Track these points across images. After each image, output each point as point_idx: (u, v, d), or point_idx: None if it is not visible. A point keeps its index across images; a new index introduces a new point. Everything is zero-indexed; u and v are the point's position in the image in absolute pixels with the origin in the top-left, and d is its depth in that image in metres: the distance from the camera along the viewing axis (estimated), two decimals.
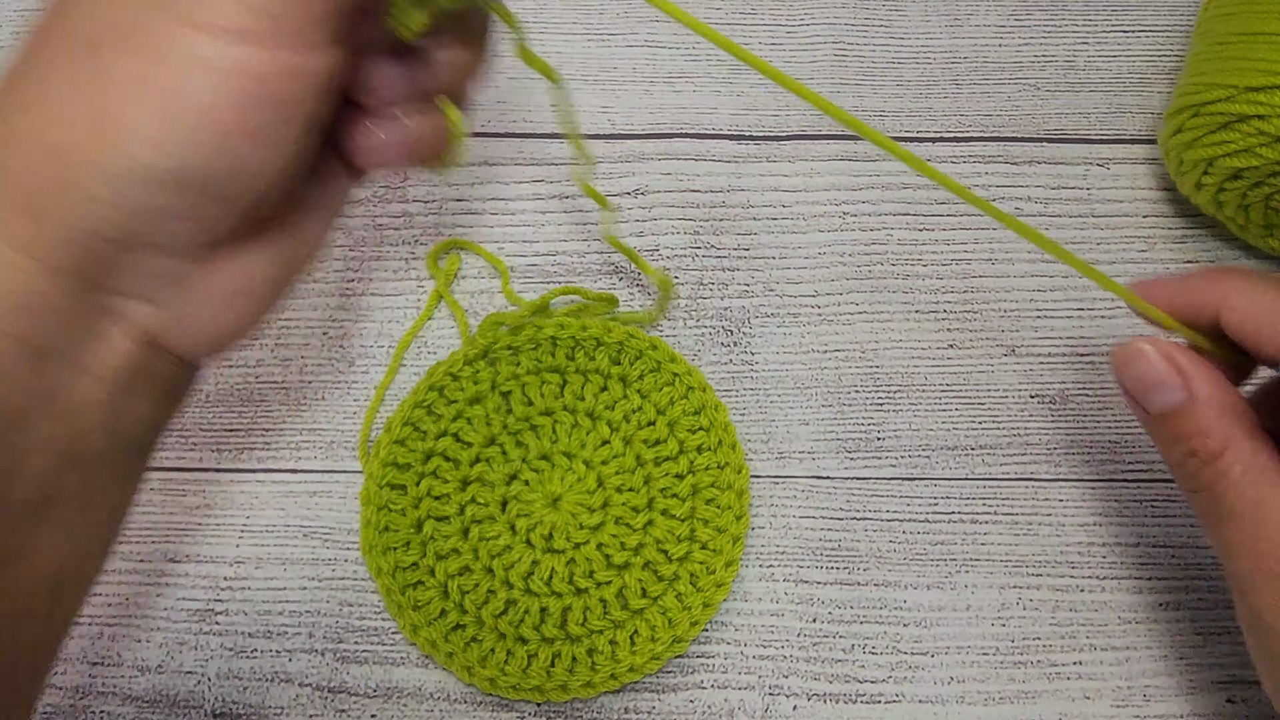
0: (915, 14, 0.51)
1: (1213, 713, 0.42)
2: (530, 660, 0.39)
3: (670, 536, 0.40)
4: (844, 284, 0.47)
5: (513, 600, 0.40)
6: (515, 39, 0.31)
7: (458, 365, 0.43)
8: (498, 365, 0.43)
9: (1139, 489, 0.45)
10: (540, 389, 0.42)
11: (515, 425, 0.42)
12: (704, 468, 0.42)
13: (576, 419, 0.42)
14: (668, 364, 0.43)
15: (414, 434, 0.42)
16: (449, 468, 0.41)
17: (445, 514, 0.41)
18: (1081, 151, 0.49)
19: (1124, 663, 0.42)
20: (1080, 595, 0.43)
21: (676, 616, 0.40)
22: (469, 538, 0.41)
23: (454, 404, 0.42)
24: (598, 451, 0.42)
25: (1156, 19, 0.52)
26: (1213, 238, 0.48)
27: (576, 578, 0.40)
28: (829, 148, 0.49)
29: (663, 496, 0.41)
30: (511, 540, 0.40)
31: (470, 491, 0.41)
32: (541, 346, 0.43)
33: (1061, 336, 0.47)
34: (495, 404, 0.42)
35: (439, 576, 0.40)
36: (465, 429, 0.42)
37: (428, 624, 0.39)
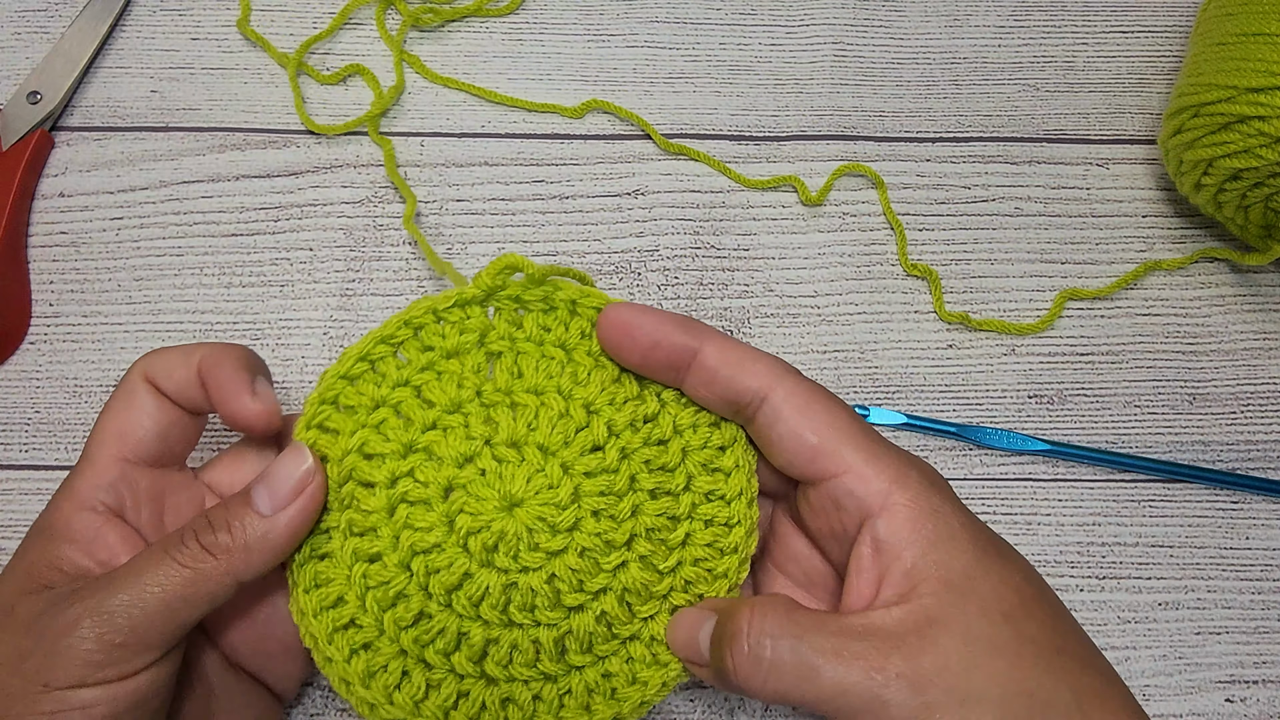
0: (915, 14, 0.51)
1: (1211, 712, 0.42)
2: (428, 691, 0.31)
3: (641, 589, 0.32)
4: (844, 284, 0.47)
5: (427, 613, 0.31)
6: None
7: (446, 304, 0.34)
8: (496, 318, 0.34)
9: (1137, 489, 0.45)
10: (538, 361, 0.33)
11: (492, 397, 0.33)
12: (707, 519, 0.33)
13: (569, 409, 0.33)
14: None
15: (369, 373, 0.34)
16: (397, 425, 0.33)
17: (372, 479, 0.32)
18: (1081, 151, 0.49)
19: (1123, 662, 0.42)
20: (1079, 595, 0.43)
21: (624, 691, 0.32)
22: (393, 519, 0.32)
23: (428, 350, 0.34)
24: (583, 458, 0.32)
25: (1156, 19, 0.52)
26: (1213, 238, 0.48)
27: (512, 608, 0.31)
28: (829, 148, 0.49)
29: (647, 539, 0.32)
30: (445, 539, 0.31)
31: (411, 462, 0.32)
32: (556, 311, 0.34)
33: (1061, 337, 0.47)
34: (476, 364, 0.34)
35: (345, 557, 0.32)
36: (430, 383, 0.33)
37: (316, 611, 0.32)
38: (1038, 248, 0.48)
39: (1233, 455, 0.45)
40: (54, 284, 0.46)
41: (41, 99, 0.47)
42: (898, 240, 0.47)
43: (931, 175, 0.49)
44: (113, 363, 0.45)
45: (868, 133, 0.49)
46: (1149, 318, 0.47)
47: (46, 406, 0.44)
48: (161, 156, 0.48)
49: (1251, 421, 0.46)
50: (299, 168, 0.48)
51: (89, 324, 0.45)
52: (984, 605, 0.29)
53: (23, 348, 0.45)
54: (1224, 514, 0.44)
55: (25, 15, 0.49)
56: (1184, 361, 0.46)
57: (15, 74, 0.48)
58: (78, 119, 0.48)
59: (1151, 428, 0.45)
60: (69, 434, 0.44)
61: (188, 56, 0.49)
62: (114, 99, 0.48)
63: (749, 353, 0.32)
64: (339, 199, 0.47)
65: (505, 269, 0.33)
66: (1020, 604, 0.29)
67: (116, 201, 0.47)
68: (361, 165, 0.48)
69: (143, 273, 0.46)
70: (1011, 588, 0.29)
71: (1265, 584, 0.43)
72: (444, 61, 0.50)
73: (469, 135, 0.49)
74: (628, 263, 0.47)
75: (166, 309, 0.45)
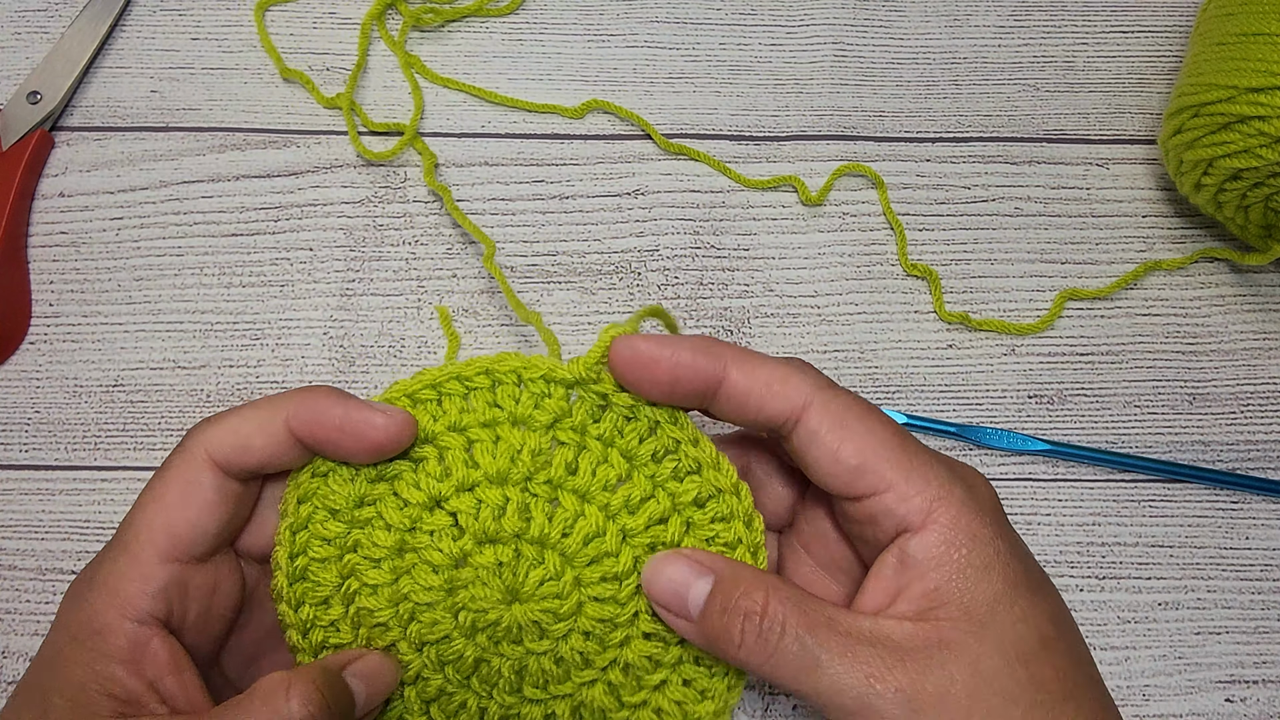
0: (915, 14, 0.51)
1: (1211, 712, 0.42)
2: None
3: (645, 663, 0.33)
4: (844, 284, 0.47)
5: (446, 691, 0.33)
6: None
7: (534, 374, 0.33)
8: (576, 405, 0.33)
9: (1137, 489, 0.45)
10: (596, 465, 0.32)
11: (537, 488, 0.32)
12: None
13: (605, 529, 0.32)
14: (709, 470, 0.33)
15: (431, 404, 0.33)
16: (435, 472, 0.32)
17: (390, 521, 0.32)
18: (1081, 151, 0.49)
19: (1123, 662, 0.42)
20: (1079, 595, 0.43)
21: None
22: (399, 613, 0.32)
23: (495, 408, 0.33)
24: (596, 568, 0.32)
25: (1156, 19, 0.52)
26: (1213, 238, 0.48)
27: (475, 679, 0.33)
28: (829, 148, 0.49)
29: (651, 617, 0.32)
30: (439, 600, 0.32)
31: (434, 520, 0.32)
32: (635, 423, 0.33)
33: (1061, 337, 0.47)
34: (538, 446, 0.32)
35: (360, 643, 0.33)
36: (484, 444, 0.32)
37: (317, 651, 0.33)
38: (1038, 248, 0.48)
39: (1233, 455, 0.45)
40: (54, 284, 0.46)
41: (41, 99, 0.47)
42: (898, 240, 0.47)
43: (931, 175, 0.49)
44: (112, 363, 0.45)
45: (868, 133, 0.49)
46: (1149, 318, 0.47)
47: (46, 406, 0.44)
48: (161, 156, 0.48)
49: (1251, 421, 0.46)
50: (299, 168, 0.48)
51: (89, 324, 0.45)
52: (1001, 642, 0.28)
53: (23, 348, 0.45)
54: (1224, 514, 0.44)
55: (25, 15, 0.49)
56: (1184, 361, 0.46)
57: (15, 74, 0.48)
58: (78, 119, 0.48)
59: (1151, 428, 0.45)
60: (69, 434, 0.44)
61: (188, 56, 0.49)
62: (114, 99, 0.48)
63: (776, 371, 0.31)
64: (339, 199, 0.47)
65: (603, 360, 0.32)
66: (1040, 646, 0.28)
67: (116, 201, 0.47)
68: (361, 165, 0.48)
69: (143, 273, 0.46)
70: (1033, 627, 0.28)
71: (1265, 584, 0.43)
72: (444, 62, 0.50)
73: (469, 135, 0.49)
74: (628, 263, 0.47)
75: (166, 309, 0.46)
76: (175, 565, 0.30)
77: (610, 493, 0.32)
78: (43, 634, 0.41)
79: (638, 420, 0.33)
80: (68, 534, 0.43)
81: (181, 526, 0.30)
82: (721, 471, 0.33)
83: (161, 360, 0.45)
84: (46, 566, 0.42)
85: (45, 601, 0.42)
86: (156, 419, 0.44)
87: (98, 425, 0.44)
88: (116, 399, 0.44)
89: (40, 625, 0.42)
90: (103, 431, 0.44)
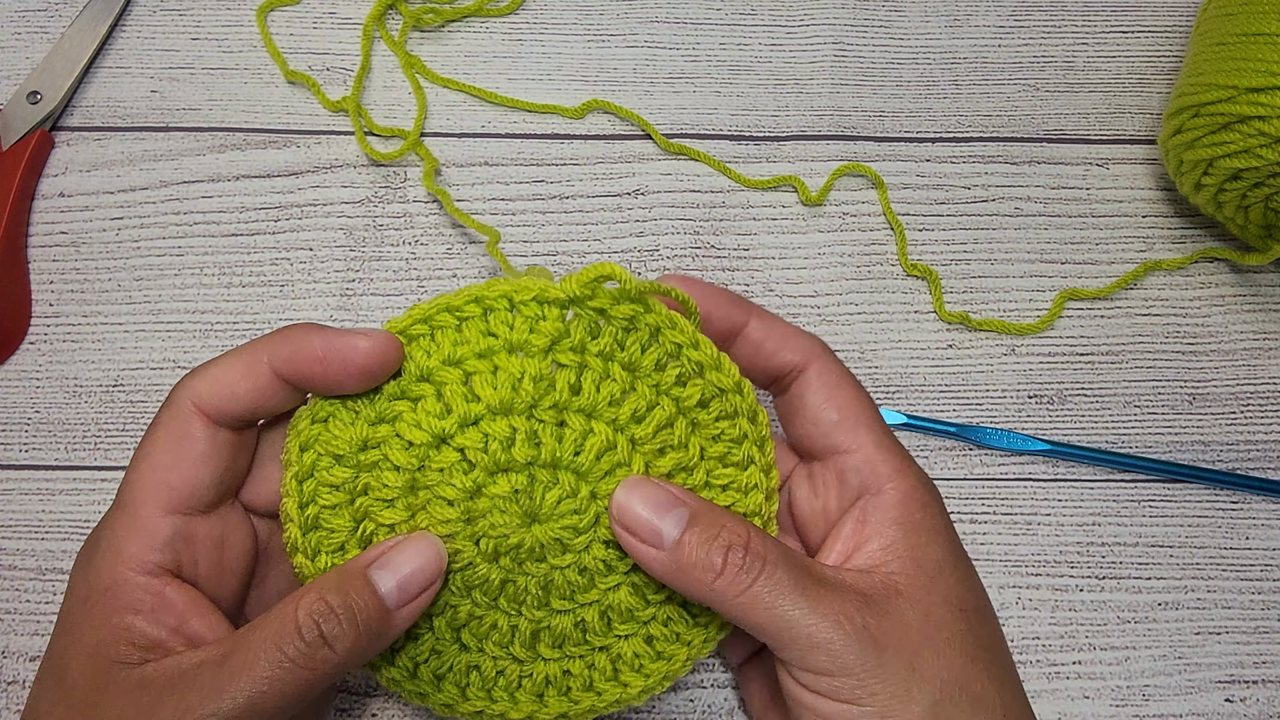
0: (915, 14, 0.51)
1: (1211, 712, 0.42)
2: (497, 678, 0.33)
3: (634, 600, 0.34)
4: (844, 284, 0.47)
5: (475, 615, 0.33)
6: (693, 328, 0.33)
7: (526, 296, 0.32)
8: (573, 323, 0.32)
9: (1137, 489, 0.45)
10: (599, 381, 0.32)
11: (543, 414, 0.32)
12: (723, 485, 0.34)
13: (615, 441, 0.32)
14: (711, 372, 0.33)
15: (424, 339, 0.32)
16: (435, 410, 0.32)
17: (398, 462, 0.32)
18: (1081, 151, 0.49)
19: (1123, 662, 0.42)
20: (1079, 595, 0.43)
21: (601, 684, 0.33)
22: (415, 498, 0.32)
23: (490, 336, 0.32)
24: (599, 462, 0.32)
25: (1156, 19, 0.52)
26: (1212, 238, 0.48)
27: (502, 598, 0.33)
28: (829, 148, 0.49)
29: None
30: (474, 555, 0.32)
31: (442, 458, 0.32)
32: (636, 333, 0.32)
33: (1061, 337, 0.47)
34: (538, 372, 0.32)
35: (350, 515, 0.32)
36: (484, 375, 0.32)
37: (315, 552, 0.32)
38: (1038, 248, 0.48)
39: (1233, 455, 0.45)
40: (54, 284, 0.46)
41: (41, 99, 0.47)
42: (898, 240, 0.47)
43: (931, 175, 0.49)
44: (113, 363, 0.45)
45: (868, 133, 0.49)
46: (1149, 318, 0.47)
47: (46, 406, 0.44)
48: (161, 156, 0.48)
49: (1251, 421, 0.46)
50: (299, 168, 0.48)
51: (89, 324, 0.45)
52: (948, 596, 0.31)
53: (23, 348, 0.45)
54: (1224, 514, 0.44)
55: (25, 15, 0.49)
56: (1184, 361, 0.46)
57: (15, 74, 0.48)
58: (78, 119, 0.48)
59: (1151, 428, 0.45)
60: (69, 434, 0.44)
61: (188, 56, 0.49)
62: (114, 99, 0.48)
63: (791, 329, 0.35)
64: (339, 199, 0.47)
65: (598, 279, 0.31)
66: (978, 609, 0.32)
67: (116, 201, 0.47)
68: (361, 165, 0.48)
69: (143, 273, 0.46)
70: (973, 592, 0.32)
71: (1265, 584, 0.43)
72: (444, 62, 0.50)
73: (469, 135, 0.49)
74: (628, 262, 0.47)
75: (166, 309, 0.46)
76: (177, 518, 0.30)
77: (616, 407, 0.32)
78: (43, 634, 0.41)
79: (637, 330, 0.32)
80: (68, 534, 0.43)
81: (177, 479, 0.30)
82: (723, 371, 0.33)
83: (161, 360, 0.45)
84: (46, 566, 0.42)
85: (45, 601, 0.42)
86: None
87: (98, 425, 0.44)
88: (116, 399, 0.44)
89: (40, 625, 0.42)
90: (103, 431, 0.44)
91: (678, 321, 0.33)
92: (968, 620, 0.31)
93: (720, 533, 0.30)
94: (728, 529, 0.30)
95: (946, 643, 0.30)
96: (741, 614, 0.29)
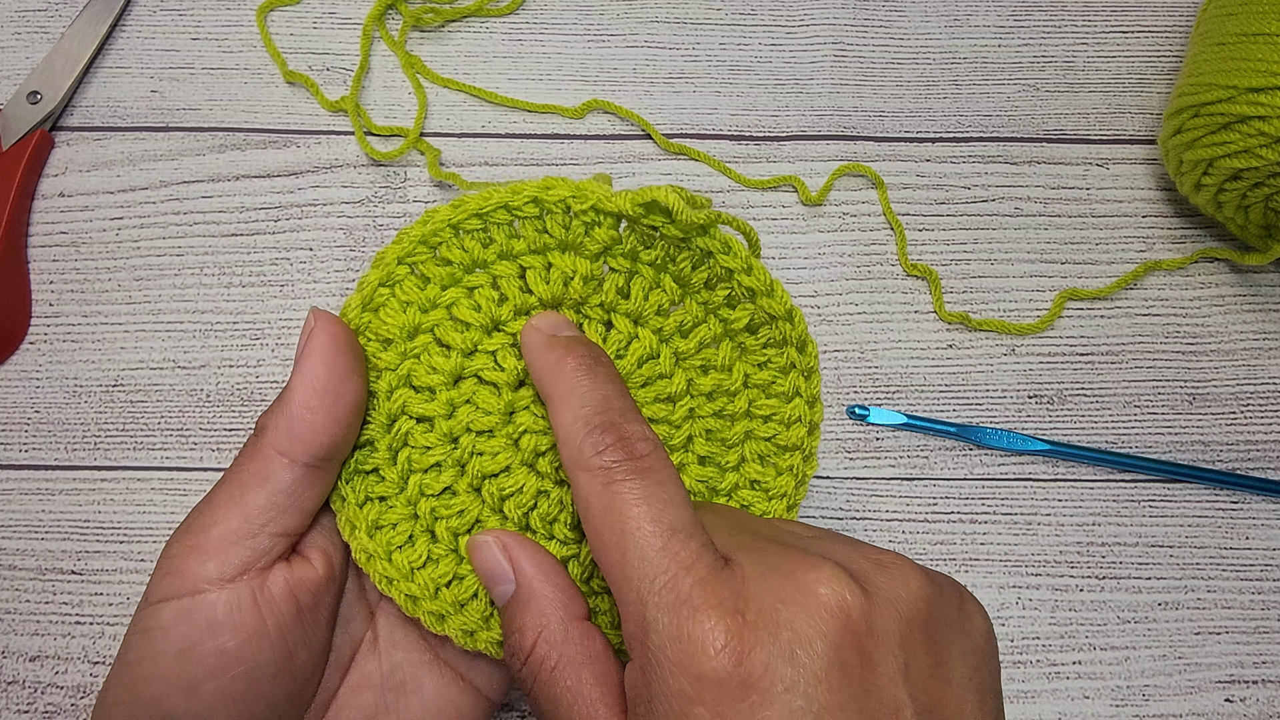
0: (915, 14, 0.51)
1: (1211, 712, 0.42)
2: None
3: (702, 489, 0.33)
4: (844, 284, 0.47)
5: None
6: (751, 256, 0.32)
7: (583, 204, 0.32)
8: (626, 233, 0.32)
9: (1137, 489, 0.45)
10: (648, 289, 0.33)
11: (591, 312, 0.33)
12: (765, 415, 0.34)
13: (660, 351, 0.33)
14: (763, 298, 0.33)
15: (412, 281, 0.32)
16: (491, 297, 0.32)
17: (429, 414, 0.32)
18: (1081, 151, 0.49)
19: (1123, 662, 0.42)
20: (1079, 595, 0.43)
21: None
22: (459, 447, 0.32)
23: (543, 234, 0.32)
24: (654, 405, 0.33)
25: (1156, 19, 0.52)
26: (1212, 238, 0.48)
27: (534, 514, 0.32)
28: (829, 148, 0.49)
29: (705, 440, 0.33)
30: (512, 460, 0.32)
31: (465, 389, 0.32)
32: (687, 252, 0.32)
33: (1061, 337, 0.47)
34: (590, 271, 0.32)
35: (410, 493, 0.32)
36: (538, 270, 0.32)
37: (388, 553, 0.31)
38: (1038, 248, 0.48)
39: (1233, 455, 0.45)
40: (54, 284, 0.46)
41: (41, 99, 0.47)
42: (898, 240, 0.47)
43: (931, 175, 0.49)
44: (112, 363, 0.45)
45: (868, 133, 0.49)
46: (1149, 318, 0.47)
47: (46, 406, 0.44)
48: (161, 156, 0.48)
49: (1251, 421, 0.46)
50: (299, 168, 0.48)
51: (89, 324, 0.45)
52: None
53: (23, 348, 0.45)
54: (1224, 514, 0.44)
55: (25, 15, 0.49)
56: (1184, 361, 0.46)
57: (15, 74, 0.48)
58: (78, 119, 0.48)
59: (1151, 428, 0.45)
60: (69, 434, 0.44)
61: (188, 56, 0.49)
62: (114, 99, 0.48)
63: None
64: (339, 199, 0.47)
65: (651, 204, 0.31)
66: None
67: (116, 201, 0.47)
68: (361, 165, 0.48)
69: (143, 273, 0.46)
70: None
71: (1265, 584, 0.43)
72: (444, 62, 0.50)
73: (469, 135, 0.49)
74: None
75: (166, 309, 0.46)
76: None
77: (663, 317, 0.33)
78: (43, 634, 0.41)
79: (689, 250, 0.32)
80: (68, 534, 0.43)
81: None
82: (775, 298, 0.33)
83: (161, 360, 0.45)
84: (46, 566, 0.42)
85: (45, 601, 0.42)
86: (156, 419, 0.44)
87: (98, 425, 0.44)
88: (116, 399, 0.44)
89: (40, 625, 0.42)
90: (103, 431, 0.44)
91: (733, 245, 0.32)
92: None
93: (510, 630, 0.29)
94: (512, 634, 0.29)
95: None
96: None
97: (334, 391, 0.29)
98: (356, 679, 0.32)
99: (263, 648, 0.28)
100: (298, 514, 0.30)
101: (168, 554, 0.29)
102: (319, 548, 0.31)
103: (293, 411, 0.29)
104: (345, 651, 0.33)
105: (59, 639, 0.41)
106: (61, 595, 0.42)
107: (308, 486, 0.29)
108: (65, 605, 0.42)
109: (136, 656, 0.28)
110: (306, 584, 0.30)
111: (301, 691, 0.30)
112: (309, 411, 0.29)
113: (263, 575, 0.29)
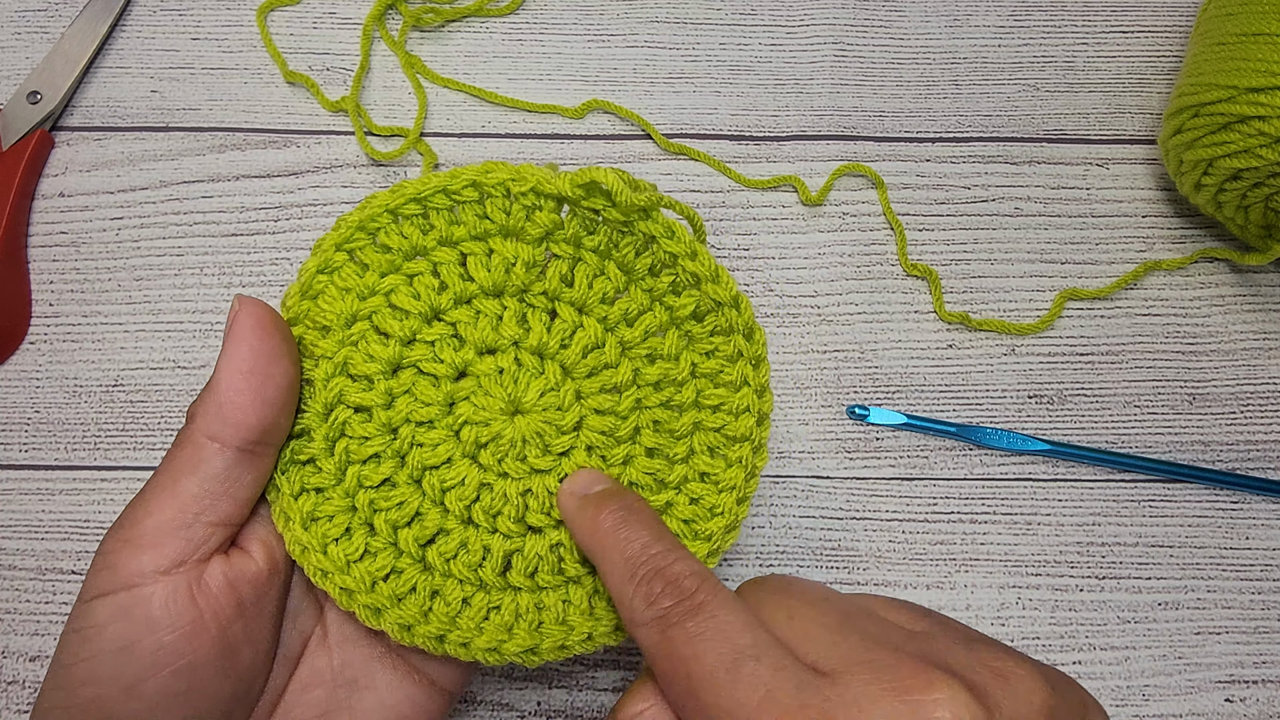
0: (915, 14, 0.51)
1: (1211, 712, 0.42)
2: (462, 607, 0.31)
3: (650, 481, 0.32)
4: (844, 284, 0.47)
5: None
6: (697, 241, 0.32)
7: (523, 186, 0.31)
8: (568, 218, 0.32)
9: (1137, 489, 0.45)
10: (593, 276, 0.32)
11: (534, 300, 0.32)
12: (714, 405, 0.33)
13: (604, 341, 0.32)
14: (708, 284, 0.32)
15: (351, 267, 0.31)
16: (431, 285, 0.31)
17: (367, 404, 0.31)
18: (1081, 151, 0.49)
19: (1123, 662, 0.42)
20: (1079, 595, 0.43)
21: (549, 627, 0.31)
22: (398, 438, 0.31)
23: (485, 220, 0.32)
24: (599, 396, 0.32)
25: (1156, 19, 0.52)
26: (1212, 238, 0.48)
27: (476, 507, 0.31)
28: (829, 148, 0.49)
29: (653, 432, 0.33)
30: (439, 418, 0.31)
31: (405, 379, 0.31)
32: (630, 237, 0.32)
33: (1061, 337, 0.47)
34: (532, 258, 0.32)
35: (348, 485, 0.31)
36: (479, 258, 0.31)
37: (324, 546, 0.31)
38: (1038, 248, 0.48)
39: (1233, 455, 0.45)
40: (54, 284, 0.46)
41: (41, 99, 0.47)
42: (898, 240, 0.47)
43: (931, 175, 0.49)
44: (112, 363, 0.45)
45: (868, 133, 0.49)
46: (1149, 318, 0.47)
47: (46, 406, 0.44)
48: (161, 156, 0.48)
49: (1251, 421, 0.46)
50: (299, 168, 0.48)
51: (89, 324, 0.45)
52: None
53: (23, 348, 0.45)
54: (1224, 514, 0.44)
55: (25, 15, 0.49)
56: (1184, 361, 0.46)
57: (15, 74, 0.48)
58: (78, 119, 0.48)
59: (1151, 428, 0.45)
60: (69, 434, 0.44)
61: (188, 56, 0.49)
62: (114, 99, 0.48)
63: None
64: (339, 199, 0.47)
65: (590, 184, 0.30)
66: None
67: (116, 201, 0.47)
68: (361, 165, 0.48)
69: (143, 273, 0.46)
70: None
71: (1265, 584, 0.43)
72: (444, 62, 0.50)
73: (469, 135, 0.49)
74: None
75: (166, 309, 0.46)
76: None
77: (608, 305, 0.32)
78: (43, 634, 0.41)
79: (632, 235, 0.32)
80: (68, 534, 0.43)
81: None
82: (721, 284, 0.32)
83: (161, 360, 0.45)
84: (46, 566, 0.42)
85: (45, 601, 0.42)
86: (156, 419, 0.44)
87: (98, 425, 0.44)
88: (116, 399, 0.44)
89: (40, 625, 0.42)
90: (103, 431, 0.44)
91: (677, 230, 0.32)
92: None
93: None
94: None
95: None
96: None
97: (261, 373, 0.29)
98: (307, 675, 0.32)
99: (203, 643, 0.28)
100: (232, 502, 0.29)
101: (102, 549, 0.28)
102: (260, 540, 0.31)
103: (220, 395, 0.28)
104: (294, 647, 0.32)
105: (59, 639, 0.41)
106: (61, 595, 0.42)
107: (242, 472, 0.29)
108: (65, 605, 0.42)
109: (72, 658, 0.27)
110: (247, 577, 0.29)
111: (248, 689, 0.30)
112: (236, 394, 0.28)
113: (200, 568, 0.28)
